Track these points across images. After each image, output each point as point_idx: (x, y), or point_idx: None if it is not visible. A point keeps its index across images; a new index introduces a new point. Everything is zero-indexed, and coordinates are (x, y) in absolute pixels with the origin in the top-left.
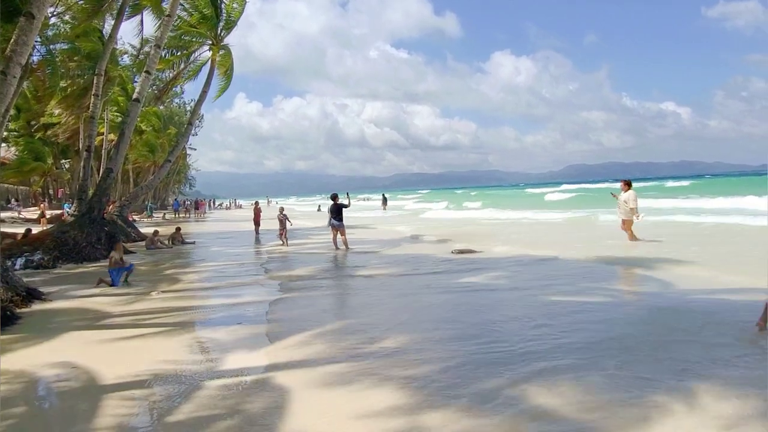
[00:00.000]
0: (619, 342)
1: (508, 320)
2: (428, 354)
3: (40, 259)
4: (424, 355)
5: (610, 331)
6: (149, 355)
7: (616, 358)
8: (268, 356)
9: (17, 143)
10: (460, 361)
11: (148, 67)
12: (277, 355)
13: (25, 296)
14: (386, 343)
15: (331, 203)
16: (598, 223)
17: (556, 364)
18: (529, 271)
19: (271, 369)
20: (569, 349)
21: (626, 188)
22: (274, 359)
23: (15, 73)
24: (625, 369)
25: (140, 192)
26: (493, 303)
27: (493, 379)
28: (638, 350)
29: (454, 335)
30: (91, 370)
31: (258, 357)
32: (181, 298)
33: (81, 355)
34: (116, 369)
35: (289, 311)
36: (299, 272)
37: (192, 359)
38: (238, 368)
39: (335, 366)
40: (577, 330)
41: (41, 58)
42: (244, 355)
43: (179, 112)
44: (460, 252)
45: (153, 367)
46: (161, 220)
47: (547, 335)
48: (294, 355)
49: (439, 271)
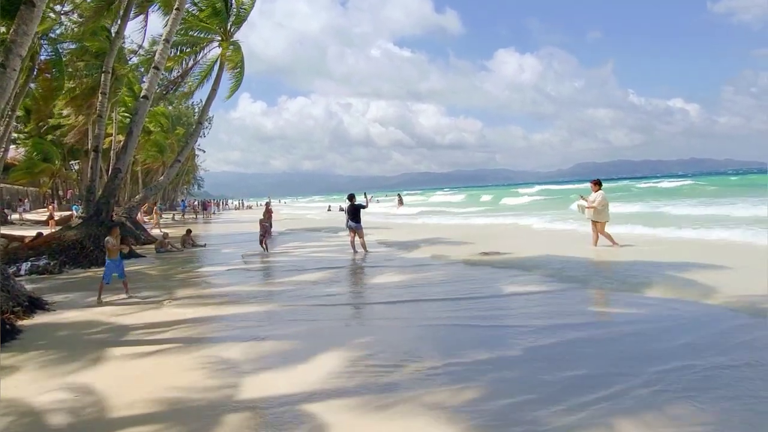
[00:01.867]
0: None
1: (557, 341)
2: (469, 377)
3: (45, 264)
4: (462, 379)
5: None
6: (162, 379)
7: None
8: (293, 379)
9: (26, 144)
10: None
11: (157, 63)
12: (303, 379)
13: (27, 306)
14: (422, 364)
15: (348, 204)
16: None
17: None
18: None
19: (299, 395)
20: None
21: (596, 188)
22: (300, 383)
23: (15, 66)
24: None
25: (149, 193)
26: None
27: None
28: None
29: (503, 356)
30: (98, 397)
31: (283, 380)
32: (194, 306)
33: (86, 378)
34: (126, 396)
35: (308, 324)
36: (315, 277)
37: (210, 384)
38: (262, 396)
39: (368, 391)
40: (634, 342)
41: (48, 57)
42: (266, 377)
43: (188, 113)
44: (486, 254)
45: (167, 394)
46: (170, 221)
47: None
48: (321, 377)
49: (469, 278)
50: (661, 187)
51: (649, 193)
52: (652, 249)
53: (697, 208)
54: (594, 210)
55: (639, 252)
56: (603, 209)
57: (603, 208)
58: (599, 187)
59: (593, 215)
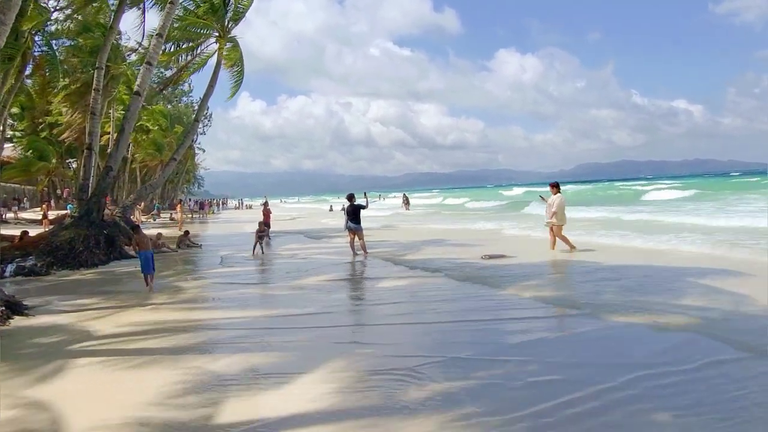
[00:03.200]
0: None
1: (588, 360)
2: (500, 403)
3: (32, 265)
4: (490, 402)
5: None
6: (134, 395)
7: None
8: (286, 398)
9: (21, 142)
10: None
11: (150, 58)
12: (298, 397)
13: (3, 310)
14: (440, 385)
15: (348, 204)
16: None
17: None
18: (576, 280)
19: (293, 418)
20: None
21: (555, 191)
22: (294, 402)
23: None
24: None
25: (144, 192)
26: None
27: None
28: None
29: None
30: (53, 415)
31: (274, 398)
32: (181, 311)
33: (54, 393)
34: (87, 415)
35: (304, 333)
36: (312, 282)
37: (189, 402)
38: (249, 419)
39: (372, 413)
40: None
41: (41, 53)
42: (255, 395)
43: (186, 111)
44: (491, 257)
45: (137, 413)
46: (168, 221)
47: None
48: (319, 395)
49: (479, 281)
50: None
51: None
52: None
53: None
54: (554, 214)
55: (595, 255)
56: (561, 213)
57: (560, 211)
58: (558, 190)
59: (552, 219)
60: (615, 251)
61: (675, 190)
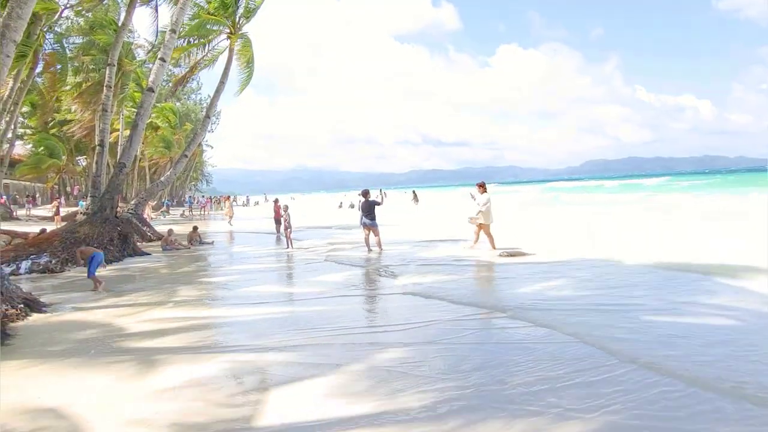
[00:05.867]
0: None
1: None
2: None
3: (47, 262)
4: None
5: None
6: (151, 397)
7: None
8: (306, 400)
9: (32, 140)
10: None
11: (163, 54)
12: (319, 400)
13: (21, 308)
14: (465, 382)
15: (362, 200)
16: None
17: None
18: (599, 280)
19: (314, 424)
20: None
21: (482, 191)
22: (315, 405)
23: (8, 52)
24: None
25: (156, 188)
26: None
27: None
28: None
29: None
30: (79, 422)
31: (294, 399)
32: (198, 308)
33: (72, 395)
34: (112, 421)
35: (322, 333)
36: (329, 278)
37: (215, 400)
38: (274, 424)
39: (405, 418)
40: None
41: (52, 50)
42: (276, 396)
43: (195, 109)
44: (509, 255)
45: (155, 417)
46: (179, 217)
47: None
48: (342, 397)
49: (498, 279)
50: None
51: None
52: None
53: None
54: (481, 213)
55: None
56: (488, 212)
57: (487, 210)
58: (485, 189)
59: (480, 218)
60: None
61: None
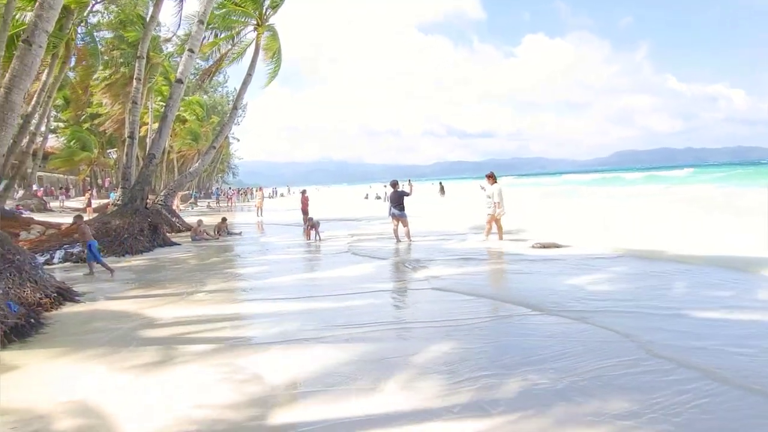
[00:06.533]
0: None
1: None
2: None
3: (79, 252)
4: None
5: None
6: (181, 393)
7: None
8: (342, 400)
9: (65, 133)
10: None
11: (191, 46)
12: (376, 399)
13: (55, 297)
14: (521, 378)
15: (391, 191)
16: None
17: None
18: (644, 277)
19: (353, 421)
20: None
21: (492, 182)
22: (372, 406)
23: (41, 42)
24: None
25: (184, 180)
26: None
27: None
28: None
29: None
30: (107, 419)
31: (351, 400)
32: (228, 301)
33: (99, 389)
34: (141, 419)
35: (356, 329)
36: (358, 270)
37: (246, 399)
38: (324, 419)
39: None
40: None
41: (83, 43)
42: (325, 397)
43: (222, 101)
44: (543, 246)
45: (186, 414)
46: (206, 208)
47: None
48: (384, 397)
49: (535, 274)
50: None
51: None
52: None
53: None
54: (495, 204)
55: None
56: (501, 202)
57: (501, 201)
58: (495, 180)
59: (492, 209)
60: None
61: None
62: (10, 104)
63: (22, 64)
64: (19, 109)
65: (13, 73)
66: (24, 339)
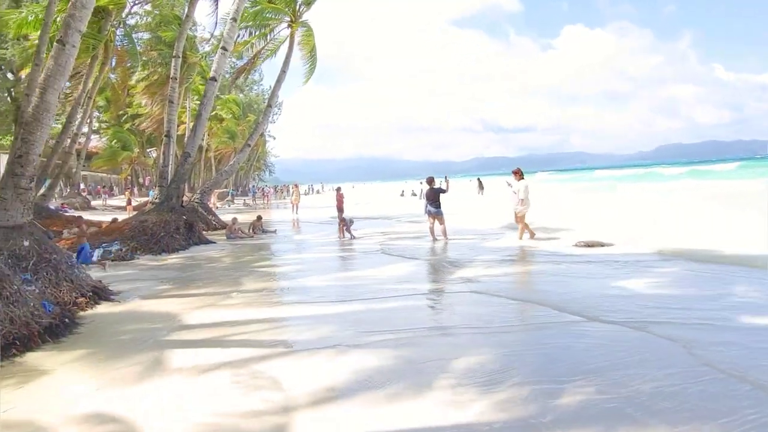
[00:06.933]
0: None
1: None
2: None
3: (117, 250)
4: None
5: None
6: (214, 401)
7: None
8: (384, 413)
9: (107, 133)
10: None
11: (225, 44)
12: (398, 412)
13: (90, 296)
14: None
15: (427, 188)
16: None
17: None
18: (699, 281)
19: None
20: None
21: (518, 177)
22: (417, 419)
23: (74, 42)
24: None
25: (220, 178)
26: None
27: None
28: None
29: None
30: (140, 420)
31: (371, 412)
32: (265, 302)
33: (128, 396)
34: (174, 422)
35: (397, 333)
36: (395, 270)
37: (274, 408)
38: None
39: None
40: None
41: (122, 44)
42: (366, 407)
43: (257, 100)
44: (587, 245)
45: (216, 424)
46: (242, 206)
47: None
48: (427, 410)
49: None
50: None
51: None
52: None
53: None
54: (521, 201)
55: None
56: (527, 199)
57: (526, 197)
58: (521, 176)
59: (522, 207)
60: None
61: None
62: (45, 104)
63: (56, 64)
64: (54, 109)
65: (48, 73)
66: (58, 339)
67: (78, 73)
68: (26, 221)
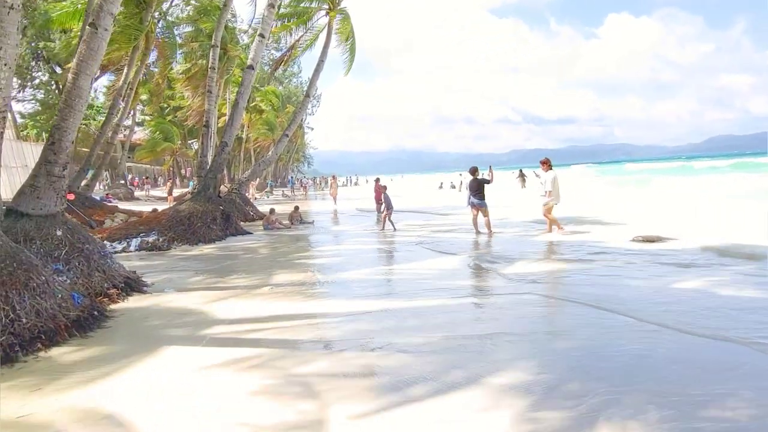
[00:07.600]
0: None
1: None
2: None
3: (155, 240)
4: None
5: None
6: (227, 407)
7: None
8: (426, 419)
9: (150, 124)
10: None
11: (262, 30)
12: (440, 417)
13: (122, 287)
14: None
15: (470, 179)
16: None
17: None
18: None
19: None
20: None
21: (546, 168)
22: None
23: (106, 25)
24: None
25: (258, 168)
26: None
27: None
28: None
29: None
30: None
31: (414, 418)
32: (301, 295)
33: (147, 398)
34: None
35: (440, 332)
36: (437, 264)
37: (300, 414)
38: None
39: None
40: None
41: (163, 36)
42: (393, 419)
43: (296, 92)
44: (645, 240)
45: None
46: (280, 197)
47: None
48: (472, 418)
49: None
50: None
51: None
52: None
53: None
54: (548, 192)
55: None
56: (556, 191)
57: (555, 189)
58: (550, 167)
59: (549, 199)
60: None
61: None
62: (77, 90)
63: (88, 48)
64: (87, 95)
65: (80, 57)
66: (85, 333)
67: (120, 65)
68: (59, 210)
